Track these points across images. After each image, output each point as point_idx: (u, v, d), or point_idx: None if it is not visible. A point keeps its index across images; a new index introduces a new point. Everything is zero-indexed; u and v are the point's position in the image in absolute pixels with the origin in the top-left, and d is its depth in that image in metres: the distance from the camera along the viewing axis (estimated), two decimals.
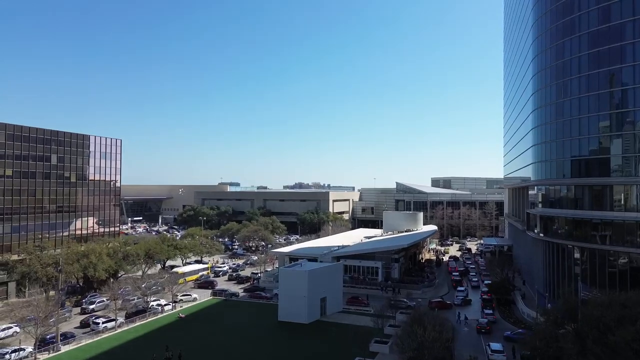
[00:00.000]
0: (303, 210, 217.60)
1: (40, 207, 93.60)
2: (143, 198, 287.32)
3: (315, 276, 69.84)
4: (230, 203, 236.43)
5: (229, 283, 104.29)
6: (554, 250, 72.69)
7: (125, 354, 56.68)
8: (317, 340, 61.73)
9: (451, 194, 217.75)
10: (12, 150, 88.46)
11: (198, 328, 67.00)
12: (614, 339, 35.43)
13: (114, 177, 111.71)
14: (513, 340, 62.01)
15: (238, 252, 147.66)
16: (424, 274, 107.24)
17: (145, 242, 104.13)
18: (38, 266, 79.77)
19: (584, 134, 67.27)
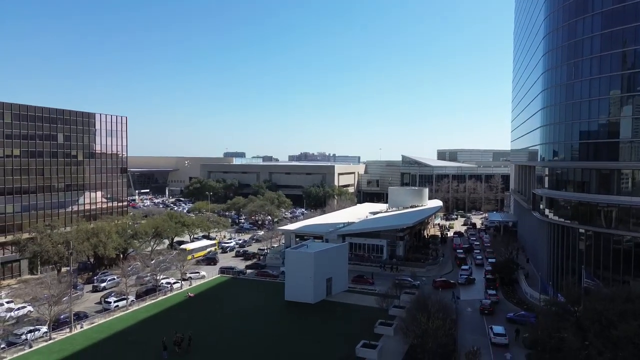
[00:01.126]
0: (309, 183, 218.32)
1: (49, 185, 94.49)
2: (149, 170, 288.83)
3: (321, 257, 70.83)
4: (236, 176, 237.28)
5: (236, 259, 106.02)
6: (559, 233, 72.92)
7: (137, 335, 58.30)
8: (324, 322, 63.13)
9: (457, 167, 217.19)
10: (18, 130, 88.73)
11: (207, 308, 68.63)
12: (616, 333, 36.05)
13: (120, 154, 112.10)
14: (515, 322, 63.24)
15: (245, 227, 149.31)
16: (429, 251, 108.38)
17: (154, 219, 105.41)
18: (49, 245, 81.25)
19: (594, 116, 66.35)
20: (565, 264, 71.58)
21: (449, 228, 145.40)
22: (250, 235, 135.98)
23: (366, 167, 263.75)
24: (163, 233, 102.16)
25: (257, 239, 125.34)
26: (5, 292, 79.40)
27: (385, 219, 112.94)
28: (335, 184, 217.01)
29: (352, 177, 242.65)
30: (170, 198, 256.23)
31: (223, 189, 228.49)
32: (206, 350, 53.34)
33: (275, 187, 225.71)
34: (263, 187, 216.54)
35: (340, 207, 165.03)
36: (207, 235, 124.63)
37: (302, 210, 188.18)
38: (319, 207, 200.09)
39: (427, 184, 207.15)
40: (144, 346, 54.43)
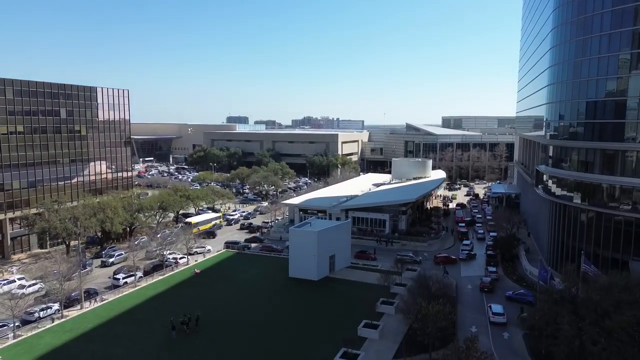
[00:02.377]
0: (312, 152, 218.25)
1: (54, 161, 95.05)
2: (153, 137, 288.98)
3: (324, 235, 71.89)
4: (240, 144, 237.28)
5: (240, 232, 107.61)
6: (561, 211, 73.37)
7: (145, 313, 60.19)
8: (327, 300, 64.73)
9: (461, 136, 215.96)
10: (21, 106, 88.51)
11: (213, 285, 70.37)
12: (611, 324, 37.05)
13: (123, 126, 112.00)
14: (514, 300, 64.68)
15: (249, 198, 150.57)
16: (431, 224, 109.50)
17: (159, 193, 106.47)
18: (57, 222, 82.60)
19: (600, 96, 65.55)
20: (565, 242, 72.38)
21: (452, 199, 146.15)
22: (254, 206, 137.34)
23: (370, 135, 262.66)
24: (168, 207, 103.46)
25: (261, 211, 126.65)
26: (16, 268, 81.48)
27: (388, 193, 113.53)
28: (338, 152, 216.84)
29: (355, 146, 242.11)
30: (174, 166, 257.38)
31: (227, 157, 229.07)
32: (213, 329, 55.13)
33: (279, 156, 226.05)
34: (266, 156, 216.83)
35: (344, 177, 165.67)
36: (212, 207, 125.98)
37: (305, 180, 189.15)
38: (323, 176, 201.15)
39: (431, 152, 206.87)
40: (152, 325, 56.29)
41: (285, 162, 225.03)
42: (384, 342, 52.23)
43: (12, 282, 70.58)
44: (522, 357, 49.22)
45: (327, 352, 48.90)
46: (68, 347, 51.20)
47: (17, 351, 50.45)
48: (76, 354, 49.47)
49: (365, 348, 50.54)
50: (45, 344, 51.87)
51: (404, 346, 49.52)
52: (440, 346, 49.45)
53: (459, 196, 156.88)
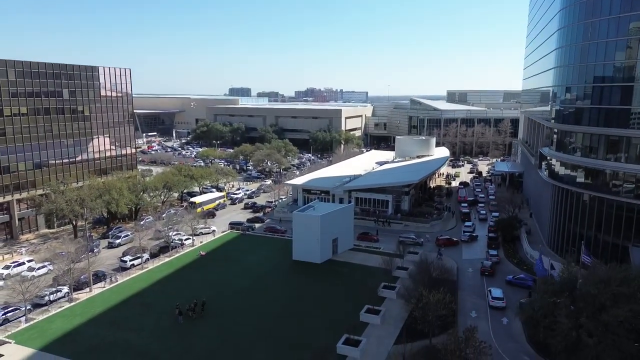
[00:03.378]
0: (315, 127, 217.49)
1: (58, 142, 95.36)
2: (155, 112, 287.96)
3: (327, 219, 72.63)
4: (243, 119, 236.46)
5: (245, 212, 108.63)
6: (563, 195, 73.62)
7: (153, 297, 61.60)
8: (330, 284, 65.95)
9: (466, 111, 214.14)
10: (23, 87, 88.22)
11: (218, 268, 71.65)
12: (607, 318, 37.88)
13: (125, 106, 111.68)
14: (514, 285, 65.77)
15: (253, 175, 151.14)
16: (434, 204, 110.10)
17: (164, 173, 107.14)
18: (63, 204, 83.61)
19: (607, 81, 64.79)
20: (567, 226, 72.97)
21: (455, 177, 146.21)
22: (258, 184, 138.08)
23: (374, 109, 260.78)
24: (173, 187, 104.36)
25: (264, 189, 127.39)
26: (25, 248, 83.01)
27: (391, 173, 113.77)
28: (342, 128, 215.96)
29: (359, 121, 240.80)
30: (177, 140, 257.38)
31: (230, 132, 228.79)
32: (218, 314, 56.56)
33: (282, 131, 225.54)
34: (269, 132, 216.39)
35: (347, 154, 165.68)
36: (216, 185, 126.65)
37: (308, 156, 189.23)
38: (326, 152, 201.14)
39: (435, 128, 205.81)
40: (160, 309, 57.74)
41: (288, 137, 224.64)
42: (386, 328, 53.58)
43: (22, 264, 72.01)
44: (520, 344, 50.58)
45: (330, 337, 50.26)
46: (78, 332, 52.76)
47: (30, 335, 52.05)
48: (87, 339, 51.02)
49: (367, 334, 51.88)
50: (56, 329, 53.44)
51: (405, 333, 50.75)
52: (441, 332, 50.75)
53: (462, 173, 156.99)
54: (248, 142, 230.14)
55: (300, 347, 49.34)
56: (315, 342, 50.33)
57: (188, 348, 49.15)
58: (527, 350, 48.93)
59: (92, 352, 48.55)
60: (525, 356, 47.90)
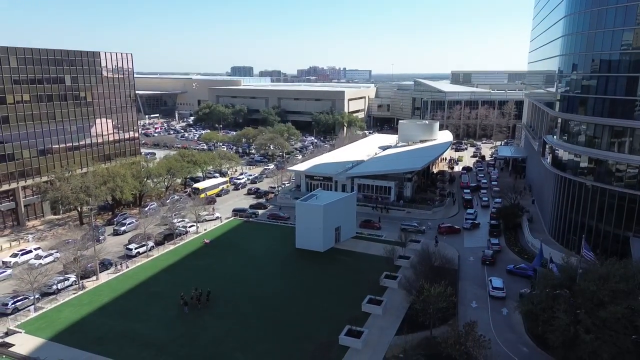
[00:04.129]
0: (318, 109, 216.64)
1: (61, 129, 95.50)
2: (158, 93, 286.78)
3: (330, 209, 73.16)
4: (245, 101, 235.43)
5: (248, 198, 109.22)
6: (566, 184, 73.70)
7: (159, 286, 62.68)
8: (333, 273, 66.86)
9: (470, 93, 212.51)
10: (26, 74, 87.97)
11: (222, 256, 72.59)
12: (605, 314, 38.53)
13: (128, 91, 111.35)
14: (514, 274, 66.52)
15: (256, 159, 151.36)
16: (436, 190, 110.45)
17: (167, 159, 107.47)
18: (69, 192, 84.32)
19: (613, 71, 64.19)
20: (569, 216, 73.23)
21: (458, 161, 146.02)
22: (261, 168, 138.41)
23: (377, 90, 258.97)
24: (177, 173, 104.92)
25: (267, 174, 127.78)
26: (32, 235, 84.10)
27: (393, 159, 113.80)
28: (345, 110, 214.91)
29: (362, 102, 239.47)
30: (180, 122, 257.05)
31: (232, 114, 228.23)
32: (223, 304, 57.60)
33: (284, 113, 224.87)
34: (272, 114, 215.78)
35: (350, 138, 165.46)
36: (219, 170, 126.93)
37: (311, 140, 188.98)
38: (329, 134, 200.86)
39: (439, 110, 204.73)
40: (166, 298, 58.86)
41: (291, 119, 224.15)
42: (387, 318, 54.56)
43: (29, 252, 73.01)
44: (519, 335, 51.53)
45: (333, 328, 51.32)
46: (87, 322, 53.97)
47: (39, 325, 53.28)
48: (95, 329, 52.23)
49: (369, 324, 52.91)
50: (65, 318, 54.65)
51: (406, 325, 51.76)
52: (441, 323, 51.77)
53: (466, 157, 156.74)
54: (250, 124, 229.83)
55: (304, 337, 50.40)
56: (318, 332, 51.39)
57: (194, 338, 50.31)
58: (526, 342, 49.91)
59: (100, 342, 49.70)
60: (524, 347, 48.88)
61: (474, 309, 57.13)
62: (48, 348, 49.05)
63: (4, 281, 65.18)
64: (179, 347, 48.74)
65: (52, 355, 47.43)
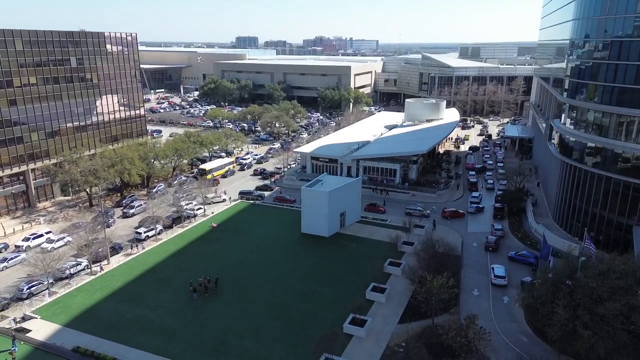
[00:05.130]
0: (324, 85, 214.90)
1: (68, 111, 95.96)
2: (162, 67, 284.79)
3: (335, 195, 73.87)
4: (250, 76, 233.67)
5: (254, 179, 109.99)
6: (571, 171, 73.73)
7: (168, 272, 64.30)
8: (338, 259, 68.12)
9: (478, 68, 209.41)
10: (32, 57, 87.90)
11: (229, 241, 73.93)
12: (603, 311, 39.49)
13: (133, 71, 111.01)
14: (516, 261, 67.47)
15: (261, 137, 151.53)
16: (441, 171, 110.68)
17: (173, 140, 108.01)
18: (77, 175, 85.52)
19: (623, 59, 63.23)
20: (573, 202, 73.55)
21: (464, 140, 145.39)
22: (267, 147, 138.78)
23: (384, 64, 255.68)
24: (183, 154, 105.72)
25: (272, 154, 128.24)
26: (43, 218, 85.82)
27: (399, 140, 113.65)
28: (351, 85, 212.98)
29: (368, 77, 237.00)
30: (185, 96, 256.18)
31: (237, 89, 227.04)
32: (230, 291, 59.18)
33: (290, 89, 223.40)
34: (277, 90, 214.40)
35: (356, 115, 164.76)
36: (225, 150, 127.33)
37: (317, 116, 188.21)
38: (335, 110, 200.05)
39: (446, 86, 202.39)
40: (175, 284, 60.54)
41: (297, 95, 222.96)
42: (390, 306, 55.97)
43: (40, 236, 74.45)
44: (519, 323, 52.80)
45: (338, 315, 52.90)
46: (99, 308, 55.83)
47: (54, 311, 55.22)
48: (107, 315, 54.10)
49: (372, 313, 54.38)
50: (78, 304, 56.55)
51: (408, 313, 53.17)
52: (443, 311, 53.15)
53: (472, 136, 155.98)
54: (256, 99, 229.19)
55: (310, 325, 52.00)
56: (323, 319, 52.96)
57: (203, 325, 52.06)
58: (525, 331, 51.22)
59: (113, 328, 51.61)
60: (523, 337, 50.22)
61: (476, 297, 58.39)
62: (63, 334, 51.00)
63: (17, 265, 66.89)
64: (188, 334, 50.53)
65: (68, 341, 49.42)
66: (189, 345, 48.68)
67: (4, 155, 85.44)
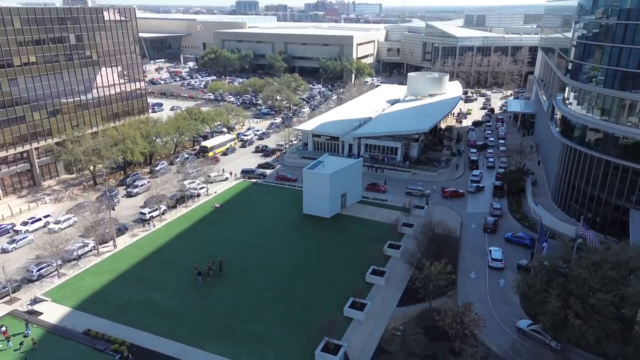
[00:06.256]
0: (325, 55, 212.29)
1: (69, 89, 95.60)
2: (162, 35, 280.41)
3: (336, 177, 74.59)
4: (251, 45, 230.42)
5: (255, 156, 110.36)
6: (572, 153, 74.01)
7: (173, 253, 65.88)
8: (339, 240, 69.50)
9: (482, 38, 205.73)
10: (30, 35, 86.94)
11: (232, 222, 75.21)
12: (594, 301, 40.90)
13: (132, 47, 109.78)
14: (512, 242, 68.74)
15: (263, 111, 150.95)
16: (442, 148, 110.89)
17: (175, 118, 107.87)
18: (81, 155, 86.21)
19: (628, 42, 62.51)
20: (572, 183, 74.13)
21: (466, 115, 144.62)
22: (268, 122, 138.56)
23: (387, 33, 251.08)
24: (185, 132, 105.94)
25: (274, 129, 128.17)
26: (48, 197, 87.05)
27: (401, 117, 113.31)
28: (353, 56, 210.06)
29: (371, 47, 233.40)
30: (185, 67, 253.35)
31: (238, 60, 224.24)
32: (235, 272, 60.90)
33: (291, 59, 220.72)
34: (278, 60, 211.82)
35: (358, 87, 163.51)
36: (227, 125, 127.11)
37: (319, 88, 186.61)
38: (337, 81, 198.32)
39: (450, 57, 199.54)
40: (180, 266, 62.19)
41: (298, 65, 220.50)
42: (389, 289, 57.65)
43: (39, 220, 74.62)
44: (514, 307, 54.47)
45: (339, 298, 54.67)
46: (108, 290, 57.67)
47: (64, 293, 57.09)
48: (116, 298, 55.95)
49: (372, 295, 56.13)
50: (87, 286, 58.37)
51: (407, 296, 54.90)
52: (440, 294, 54.84)
53: (475, 109, 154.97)
54: (257, 69, 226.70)
55: (311, 307, 53.83)
56: (325, 302, 54.75)
57: (208, 308, 53.92)
58: (520, 315, 52.88)
59: (122, 311, 53.54)
60: (518, 320, 51.96)
61: (473, 280, 59.94)
62: (74, 316, 52.96)
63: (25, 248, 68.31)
64: (194, 317, 52.43)
65: (79, 324, 51.42)
66: (194, 329, 50.64)
67: (7, 135, 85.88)
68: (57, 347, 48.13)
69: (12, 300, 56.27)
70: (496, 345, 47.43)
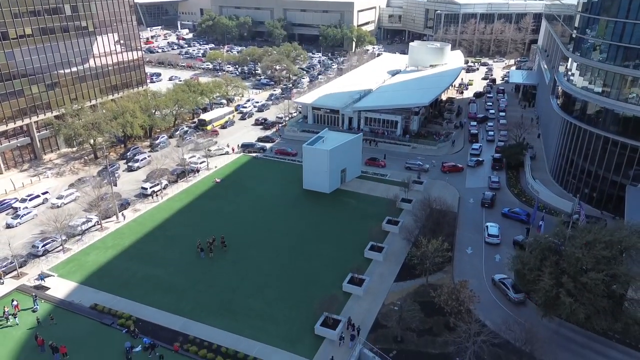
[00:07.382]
0: (326, 22, 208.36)
1: (67, 61, 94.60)
2: (159, 0, 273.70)
3: (336, 153, 74.84)
4: (249, 12, 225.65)
5: (255, 129, 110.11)
6: (572, 129, 74.05)
7: (175, 229, 66.96)
8: (338, 216, 70.46)
9: (486, 5, 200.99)
10: (25, 6, 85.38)
11: (232, 198, 75.93)
12: (585, 280, 42.10)
13: (129, 17, 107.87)
14: (508, 217, 69.71)
15: (262, 82, 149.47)
16: (443, 122, 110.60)
17: (174, 91, 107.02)
18: (80, 130, 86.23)
19: (632, 17, 61.58)
20: (571, 158, 74.51)
21: (468, 86, 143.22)
22: (267, 93, 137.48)
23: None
24: (184, 105, 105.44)
25: (273, 101, 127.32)
26: (50, 171, 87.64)
27: (402, 89, 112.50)
28: (354, 23, 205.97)
29: (372, 13, 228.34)
30: (182, 33, 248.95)
31: (236, 27, 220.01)
32: (236, 248, 62.13)
33: (290, 26, 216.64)
34: (278, 27, 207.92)
35: (359, 56, 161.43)
36: (226, 96, 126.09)
37: (319, 57, 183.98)
38: (337, 49, 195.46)
39: (452, 25, 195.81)
40: (182, 242, 63.37)
41: (298, 32, 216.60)
42: (387, 265, 58.99)
43: (37, 197, 75.13)
44: None
45: (338, 274, 56.07)
46: (112, 266, 59.05)
47: (70, 269, 58.48)
48: (120, 274, 57.31)
49: (370, 271, 57.51)
50: (92, 262, 59.72)
51: (404, 271, 56.30)
52: (437, 269, 56.21)
53: (476, 79, 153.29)
54: (255, 37, 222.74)
55: (311, 283, 55.29)
56: (325, 277, 56.18)
57: (210, 285, 55.38)
58: None
59: (126, 286, 54.99)
60: None
61: (469, 256, 61.15)
62: (81, 292, 54.49)
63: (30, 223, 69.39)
64: (197, 293, 53.94)
65: (86, 299, 53.00)
66: (197, 304, 52.17)
67: (7, 109, 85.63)
68: (66, 322, 49.70)
69: (20, 275, 57.69)
70: (490, 320, 48.98)
